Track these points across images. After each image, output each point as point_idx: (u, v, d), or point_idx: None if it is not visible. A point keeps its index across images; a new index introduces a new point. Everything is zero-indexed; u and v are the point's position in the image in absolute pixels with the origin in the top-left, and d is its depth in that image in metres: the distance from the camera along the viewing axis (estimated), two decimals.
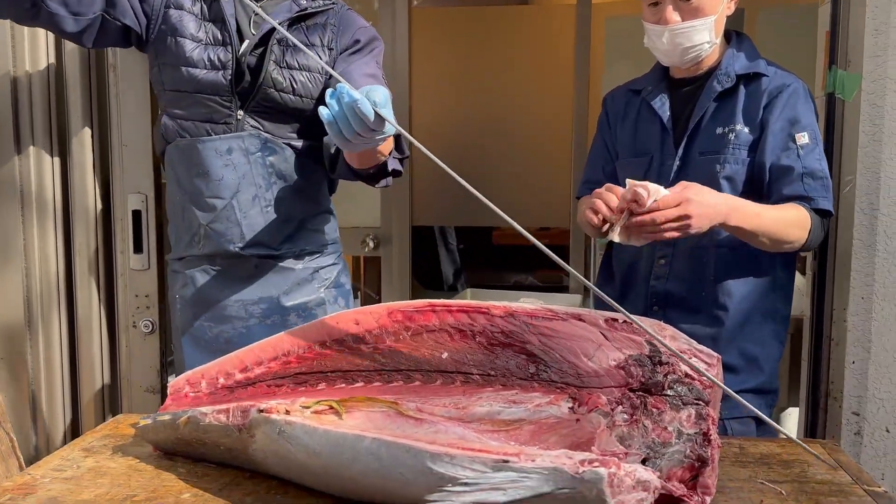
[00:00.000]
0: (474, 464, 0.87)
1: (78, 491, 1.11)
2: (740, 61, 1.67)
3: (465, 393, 1.05)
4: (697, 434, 0.99)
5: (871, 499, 1.06)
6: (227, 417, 1.08)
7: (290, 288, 1.68)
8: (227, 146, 1.58)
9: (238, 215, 1.60)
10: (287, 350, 1.23)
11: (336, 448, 0.96)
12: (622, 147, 1.80)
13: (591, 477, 0.83)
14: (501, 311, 1.13)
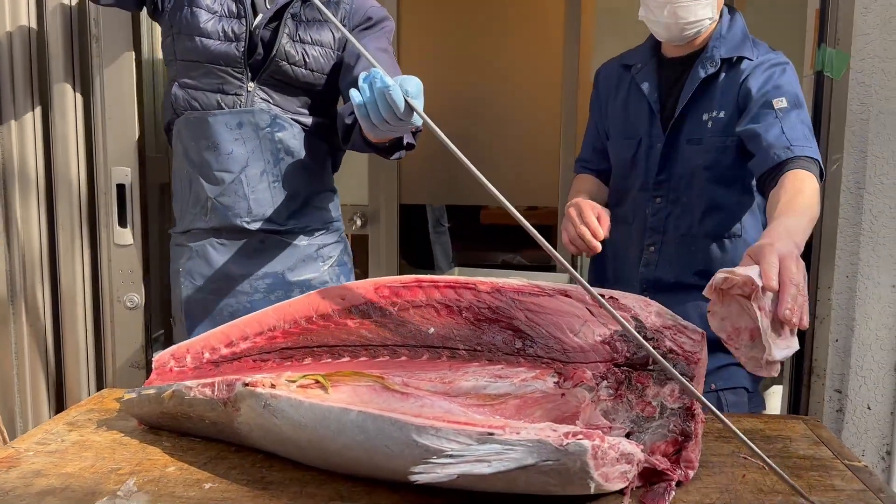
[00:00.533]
0: (459, 436, 0.87)
1: (62, 464, 1.11)
2: (727, 44, 1.63)
3: (452, 367, 1.05)
4: (681, 409, 1.00)
5: (851, 473, 1.08)
6: (212, 391, 1.08)
7: (295, 264, 1.70)
8: (238, 121, 1.59)
9: (246, 190, 1.62)
10: (273, 325, 1.23)
11: (322, 421, 0.96)
12: (613, 126, 1.77)
13: (575, 449, 0.83)
14: (488, 286, 1.13)
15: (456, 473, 0.85)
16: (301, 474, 1.06)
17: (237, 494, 1.01)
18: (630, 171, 1.71)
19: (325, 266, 1.73)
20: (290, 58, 1.58)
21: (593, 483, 0.85)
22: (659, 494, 0.97)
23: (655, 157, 1.66)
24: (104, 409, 1.35)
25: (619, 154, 1.74)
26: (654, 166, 1.66)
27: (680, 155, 1.64)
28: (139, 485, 1.03)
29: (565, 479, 0.85)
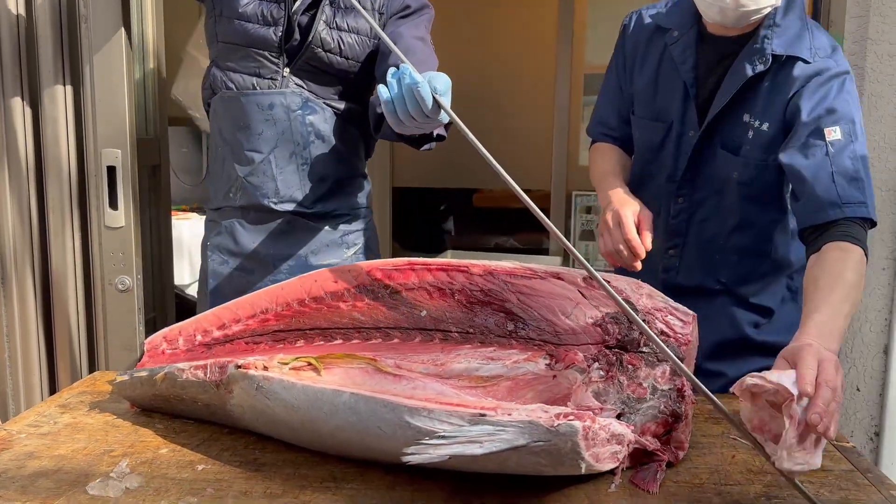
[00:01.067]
0: (451, 418, 0.87)
1: (55, 446, 1.11)
2: (781, 36, 1.38)
3: (444, 350, 1.05)
4: (671, 390, 1.00)
5: (839, 454, 1.09)
6: (204, 373, 1.08)
7: (319, 248, 1.70)
8: (270, 101, 1.60)
9: (274, 170, 1.63)
10: (265, 308, 1.23)
11: (314, 403, 0.97)
12: (640, 101, 1.55)
13: (566, 430, 0.84)
14: (480, 269, 1.13)
15: (448, 454, 0.86)
16: (294, 456, 1.07)
17: (230, 476, 1.01)
18: (656, 157, 1.53)
19: (350, 252, 1.74)
20: (325, 45, 1.59)
21: (584, 463, 0.85)
22: (649, 475, 0.98)
23: (686, 149, 1.47)
24: (96, 391, 1.35)
25: (644, 135, 1.55)
26: (684, 158, 1.48)
27: (713, 157, 1.46)
28: (132, 466, 1.03)
29: (556, 459, 0.86)
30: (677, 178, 1.49)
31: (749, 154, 1.42)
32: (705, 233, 1.50)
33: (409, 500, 0.94)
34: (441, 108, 1.09)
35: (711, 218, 1.49)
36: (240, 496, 0.95)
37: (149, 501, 0.94)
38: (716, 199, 1.48)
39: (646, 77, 1.52)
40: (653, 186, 1.54)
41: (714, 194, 1.48)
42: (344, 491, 0.97)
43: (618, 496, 0.95)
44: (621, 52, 1.59)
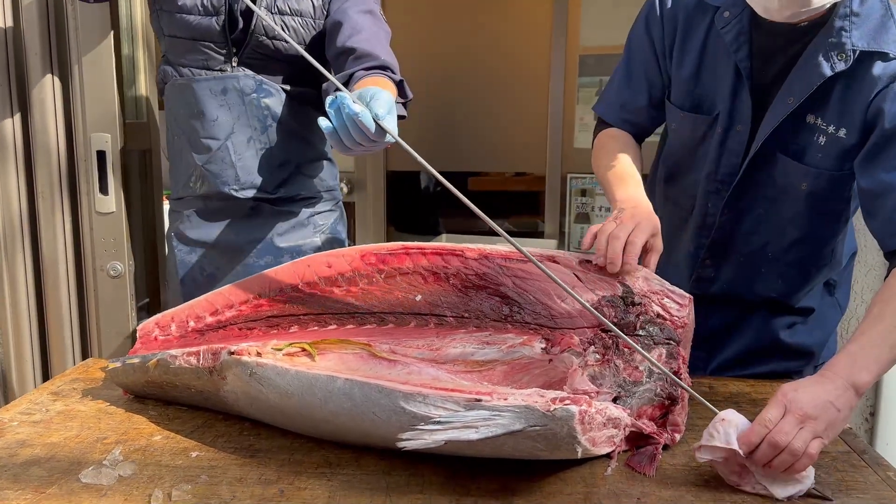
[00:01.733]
0: (447, 403, 0.87)
1: (47, 434, 1.10)
2: (862, 26, 1.18)
3: (439, 335, 1.05)
4: None
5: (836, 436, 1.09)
6: (197, 360, 1.07)
7: (286, 230, 1.68)
8: (222, 86, 1.56)
9: (233, 157, 1.59)
10: (258, 293, 1.21)
11: (308, 389, 0.96)
12: (679, 88, 1.35)
13: (563, 414, 0.83)
14: (476, 253, 1.12)
15: (444, 440, 0.85)
16: (289, 442, 1.06)
17: (224, 462, 1.00)
18: (694, 151, 1.36)
19: (318, 233, 1.72)
20: (269, 31, 1.54)
21: (580, 448, 0.85)
22: (645, 458, 0.98)
23: (734, 147, 1.29)
24: (89, 378, 1.34)
25: (683, 127, 1.36)
26: (730, 157, 1.30)
27: (769, 161, 1.27)
28: (125, 454, 1.03)
29: (553, 444, 0.85)
30: (718, 176, 1.32)
31: (821, 163, 1.24)
32: (752, 244, 1.33)
33: (405, 485, 0.93)
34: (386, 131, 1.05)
35: (762, 229, 1.33)
36: (234, 483, 0.95)
37: (142, 489, 0.93)
38: (769, 209, 1.31)
39: (688, 62, 1.32)
40: (687, 182, 1.38)
41: (768, 203, 1.31)
42: (339, 477, 0.96)
43: (614, 479, 0.95)
44: (658, 26, 1.36)
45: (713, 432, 0.93)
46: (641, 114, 1.42)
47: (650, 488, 0.93)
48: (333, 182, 1.77)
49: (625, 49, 1.44)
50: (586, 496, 0.91)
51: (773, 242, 1.33)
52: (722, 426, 0.93)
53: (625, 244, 1.08)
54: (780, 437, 0.90)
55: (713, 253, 1.35)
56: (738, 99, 1.27)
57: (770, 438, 0.90)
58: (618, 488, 0.93)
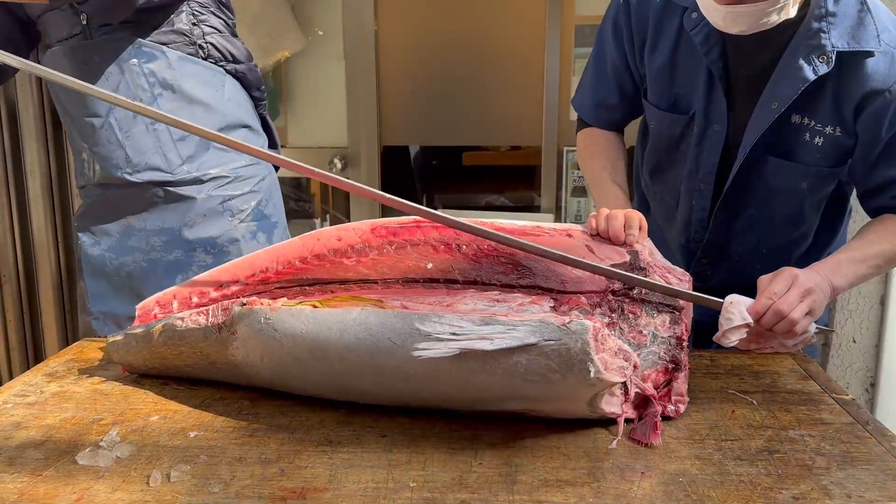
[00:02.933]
0: (462, 321, 0.87)
1: (42, 416, 1.08)
2: (840, 25, 1.17)
3: (449, 294, 1.04)
4: (671, 337, 1.00)
5: (839, 406, 1.08)
6: (206, 318, 1.05)
7: (194, 220, 1.48)
8: (93, 54, 1.36)
9: (119, 135, 1.39)
10: (265, 267, 1.20)
11: (323, 324, 0.95)
12: (654, 86, 1.35)
13: (577, 328, 0.83)
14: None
15: (458, 348, 0.85)
16: (288, 421, 1.05)
17: (223, 442, 0.99)
18: (674, 148, 1.37)
19: (237, 221, 1.50)
20: None
21: (593, 367, 0.84)
22: (648, 428, 0.97)
23: (713, 147, 1.30)
24: (84, 359, 1.32)
25: (660, 125, 1.37)
26: (711, 158, 1.30)
27: (760, 164, 1.28)
28: (122, 435, 1.01)
29: (566, 361, 0.85)
30: (699, 175, 1.32)
31: (821, 161, 1.25)
32: (747, 243, 1.35)
33: (406, 463, 0.92)
34: None
35: (756, 228, 1.34)
36: (234, 462, 0.94)
37: (140, 470, 0.92)
38: (762, 208, 1.32)
39: (660, 60, 1.31)
40: (670, 178, 1.40)
41: (760, 203, 1.31)
42: (340, 454, 0.95)
43: (618, 454, 0.94)
44: (627, 27, 1.36)
45: (729, 316, 1.07)
46: (616, 110, 1.46)
47: (654, 462, 0.93)
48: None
49: (594, 47, 1.46)
50: (590, 471, 0.90)
51: (769, 240, 1.36)
52: (733, 308, 1.08)
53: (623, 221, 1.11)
54: (784, 306, 1.08)
55: (709, 253, 1.39)
56: (712, 99, 1.27)
57: (775, 307, 1.07)
58: (622, 462, 0.92)
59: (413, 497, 0.85)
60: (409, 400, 0.99)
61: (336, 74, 2.97)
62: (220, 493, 0.86)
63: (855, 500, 0.84)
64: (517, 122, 2.92)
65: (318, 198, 3.54)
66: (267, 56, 2.81)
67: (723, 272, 1.39)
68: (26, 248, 1.93)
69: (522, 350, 0.84)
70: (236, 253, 1.49)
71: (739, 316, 1.05)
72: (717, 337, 1.09)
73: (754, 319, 1.06)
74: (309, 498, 0.85)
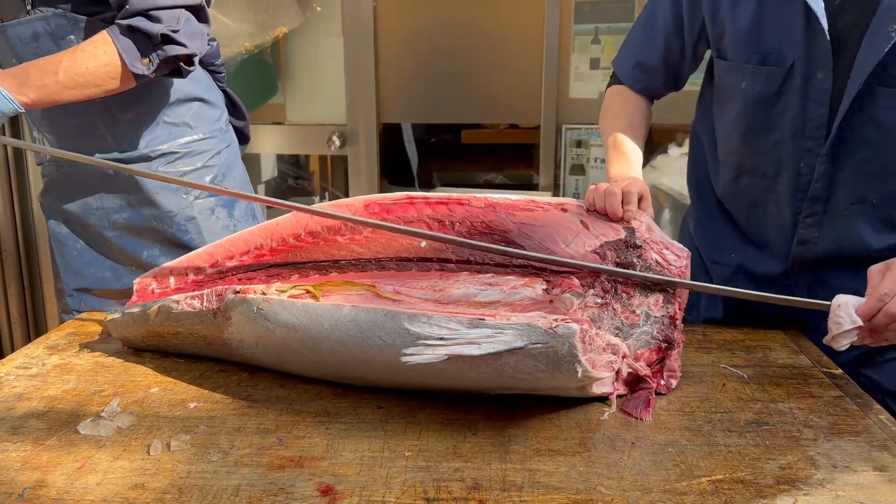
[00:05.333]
0: (451, 322, 0.87)
1: (44, 387, 1.10)
2: None
3: (443, 277, 1.05)
4: (664, 317, 1.01)
5: (828, 380, 1.10)
6: (200, 303, 1.06)
7: (147, 196, 1.45)
8: (31, 31, 1.32)
9: (60, 116, 1.36)
10: (259, 244, 1.21)
11: (315, 319, 0.96)
12: (737, 42, 1.25)
13: (564, 331, 0.84)
14: (482, 202, 1.12)
15: (446, 353, 0.86)
16: (287, 392, 1.06)
17: (223, 413, 1.01)
18: (770, 110, 1.25)
19: (191, 198, 1.48)
20: None
21: (580, 368, 0.86)
22: (641, 403, 0.99)
23: (820, 97, 1.19)
24: (85, 332, 1.33)
25: (753, 84, 1.25)
26: (819, 109, 1.19)
27: (868, 101, 1.16)
28: (123, 406, 1.03)
29: (554, 363, 0.86)
30: (807, 132, 1.21)
31: None
32: (856, 194, 1.23)
33: (402, 433, 0.94)
34: None
35: (865, 176, 1.22)
36: (233, 432, 0.95)
37: (141, 439, 0.94)
38: (873, 152, 1.20)
39: (745, 12, 1.22)
40: (766, 146, 1.27)
41: (870, 147, 1.19)
42: (337, 425, 0.97)
43: (609, 425, 0.96)
44: None
45: (838, 320, 1.01)
46: (655, 74, 1.41)
47: (645, 433, 0.94)
48: (212, 129, 1.49)
49: (644, 10, 1.41)
50: (581, 441, 0.92)
51: (881, 189, 1.22)
52: (841, 311, 1.02)
53: (621, 197, 1.09)
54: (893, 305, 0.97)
55: (812, 210, 1.26)
56: (814, 44, 1.17)
57: (887, 309, 0.98)
58: (613, 433, 0.94)
59: (408, 465, 0.87)
60: (402, 387, 1.01)
61: (334, 51, 2.96)
62: (219, 461, 0.88)
63: (840, 469, 0.86)
64: (516, 99, 2.91)
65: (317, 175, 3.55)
66: (265, 32, 2.80)
67: (830, 234, 1.27)
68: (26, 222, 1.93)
69: (510, 352, 0.85)
70: (195, 231, 1.50)
71: (849, 319, 1.00)
72: (826, 340, 1.03)
73: (865, 320, 1.00)
74: (306, 466, 0.87)
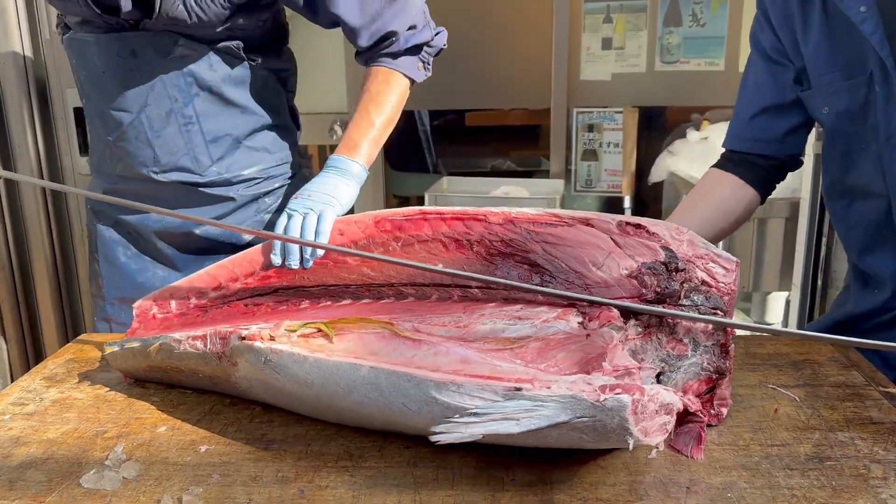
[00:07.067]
0: (484, 392, 0.79)
1: (42, 429, 1.02)
2: None
3: (466, 310, 0.96)
4: (714, 346, 0.92)
5: (887, 402, 1.02)
6: (204, 344, 0.98)
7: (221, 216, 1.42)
8: (131, 47, 1.27)
9: (149, 134, 1.32)
10: (265, 264, 1.12)
11: (329, 377, 0.88)
12: (817, 64, 1.19)
13: (614, 405, 0.75)
14: (500, 217, 1.02)
15: (482, 433, 0.78)
16: (305, 430, 0.98)
17: (237, 457, 0.93)
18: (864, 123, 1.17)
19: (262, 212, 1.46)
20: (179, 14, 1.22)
21: (632, 440, 0.78)
22: (692, 439, 0.91)
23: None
24: (84, 358, 1.25)
25: (837, 103, 1.18)
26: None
27: None
28: (128, 450, 0.95)
29: (601, 435, 0.78)
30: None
31: None
32: None
33: (434, 480, 0.87)
34: None
35: None
36: (249, 482, 0.87)
37: (149, 493, 0.86)
38: None
39: (814, 37, 1.18)
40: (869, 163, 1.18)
41: None
42: (362, 470, 0.89)
43: (659, 465, 0.88)
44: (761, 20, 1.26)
45: None
46: (788, 114, 1.26)
47: (699, 474, 0.87)
48: (287, 154, 1.48)
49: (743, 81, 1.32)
50: (631, 486, 0.84)
51: None
52: None
53: None
54: None
55: None
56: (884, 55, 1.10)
57: None
58: (664, 475, 0.86)
59: None
60: None
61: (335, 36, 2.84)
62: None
63: None
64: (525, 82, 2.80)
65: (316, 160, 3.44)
66: None
67: None
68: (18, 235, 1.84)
69: (553, 427, 0.77)
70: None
71: None
72: None
73: None
74: None
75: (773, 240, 2.23)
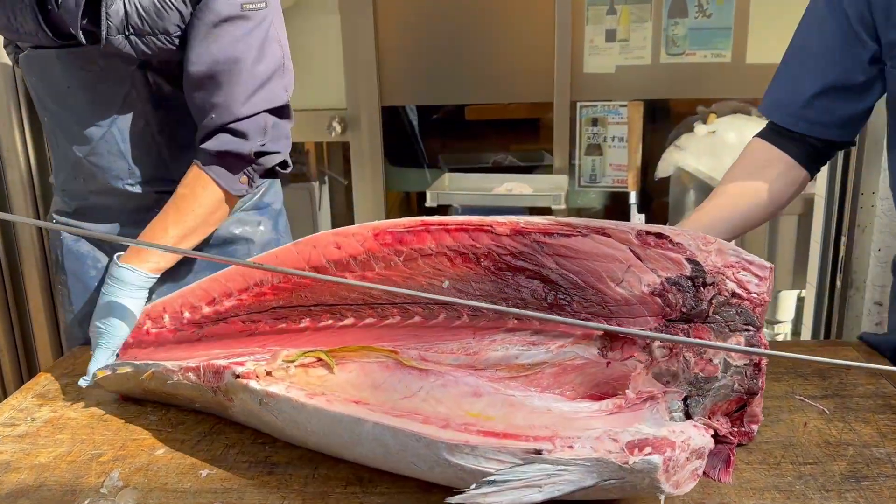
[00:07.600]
0: (500, 454, 0.73)
1: (34, 452, 0.97)
2: None
3: (476, 334, 0.90)
4: (747, 366, 0.86)
5: None
6: (197, 377, 0.93)
7: None
8: (95, 58, 1.20)
9: (122, 146, 1.26)
10: (259, 280, 1.06)
11: (331, 428, 0.83)
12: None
13: (643, 467, 0.71)
14: (508, 228, 0.96)
15: (502, 503, 0.72)
16: (311, 452, 0.93)
17: (239, 483, 0.88)
18: None
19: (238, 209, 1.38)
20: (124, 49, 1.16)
21: (664, 495, 0.73)
22: (720, 462, 0.86)
23: None
24: (78, 373, 1.19)
25: None
26: None
27: None
28: (125, 476, 0.90)
29: (630, 493, 0.74)
30: None
31: None
32: None
33: None
34: None
35: None
36: None
37: None
38: None
39: None
40: None
41: None
42: (373, 497, 0.84)
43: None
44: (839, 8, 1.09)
45: None
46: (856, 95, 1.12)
47: (730, 497, 0.82)
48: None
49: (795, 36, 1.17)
50: None
51: None
52: None
53: None
54: None
55: None
56: None
57: None
58: (693, 499, 0.82)
59: None
60: None
61: (331, 29, 2.78)
62: None
63: None
64: (527, 76, 2.74)
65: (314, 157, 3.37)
66: None
67: None
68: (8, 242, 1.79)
69: (579, 491, 0.72)
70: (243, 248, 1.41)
71: None
72: None
73: None
74: None
75: (786, 237, 2.19)
